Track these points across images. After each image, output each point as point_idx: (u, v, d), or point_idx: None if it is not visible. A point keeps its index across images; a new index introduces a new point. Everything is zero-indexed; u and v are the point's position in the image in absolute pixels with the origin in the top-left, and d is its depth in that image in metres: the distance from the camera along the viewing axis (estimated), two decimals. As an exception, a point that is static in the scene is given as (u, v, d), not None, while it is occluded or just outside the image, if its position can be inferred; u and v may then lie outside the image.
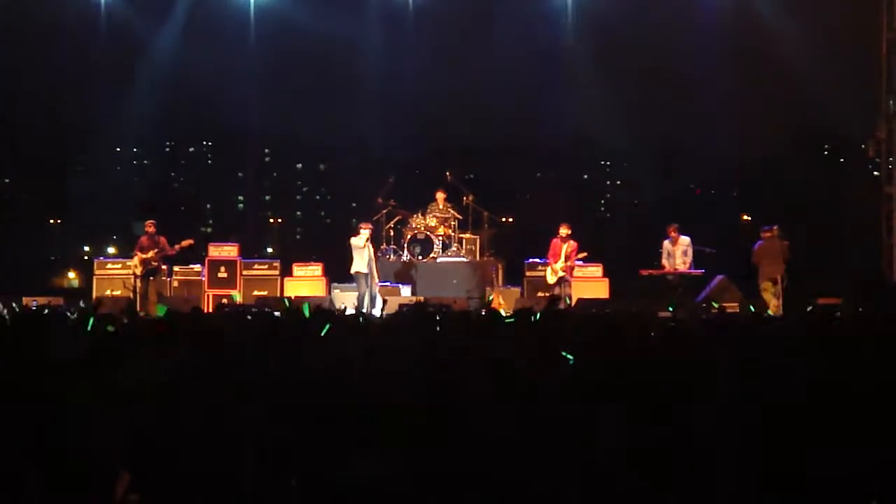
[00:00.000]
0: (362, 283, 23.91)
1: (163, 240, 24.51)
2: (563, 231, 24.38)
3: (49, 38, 30.71)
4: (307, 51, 33.36)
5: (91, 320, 8.66)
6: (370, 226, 24.67)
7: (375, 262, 24.41)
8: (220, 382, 6.79)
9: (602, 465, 6.26)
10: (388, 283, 25.15)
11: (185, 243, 24.78)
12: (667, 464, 6.27)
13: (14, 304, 19.24)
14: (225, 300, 25.00)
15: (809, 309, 16.63)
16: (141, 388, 6.66)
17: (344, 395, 6.60)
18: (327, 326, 8.75)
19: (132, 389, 6.64)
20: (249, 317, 11.77)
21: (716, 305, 22.24)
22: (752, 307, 19.32)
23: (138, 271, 24.32)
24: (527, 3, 30.27)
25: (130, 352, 7.56)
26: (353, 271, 23.98)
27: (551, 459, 6.25)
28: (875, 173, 28.14)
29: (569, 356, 7.25)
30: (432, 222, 26.55)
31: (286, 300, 20.91)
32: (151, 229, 24.57)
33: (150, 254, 24.28)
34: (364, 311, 22.72)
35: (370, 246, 24.02)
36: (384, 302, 20.81)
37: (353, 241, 23.92)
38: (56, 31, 30.51)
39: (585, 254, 24.76)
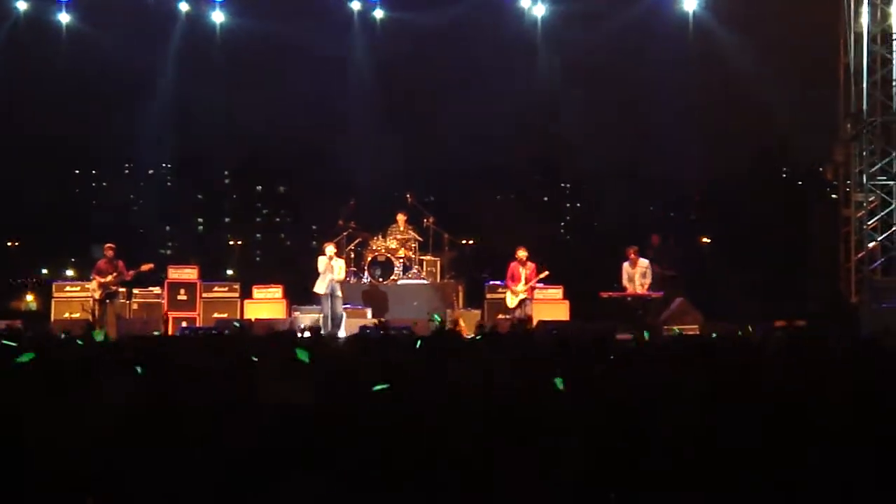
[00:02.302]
0: (324, 304, 23.96)
1: (121, 263, 24.35)
2: (521, 254, 24.37)
3: (4, 55, 30.52)
4: (268, 72, 33.34)
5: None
6: (331, 244, 24.65)
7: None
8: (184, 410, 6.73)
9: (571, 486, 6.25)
10: (349, 306, 25.10)
11: (145, 267, 24.63)
12: (632, 483, 6.26)
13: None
14: (185, 323, 24.92)
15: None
16: (103, 413, 6.60)
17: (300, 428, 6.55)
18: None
19: (95, 414, 6.57)
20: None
21: (676, 329, 22.38)
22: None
23: (97, 295, 24.14)
24: (490, 27, 30.29)
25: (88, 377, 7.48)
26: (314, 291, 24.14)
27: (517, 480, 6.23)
28: (833, 196, 28.33)
29: (558, 382, 7.23)
30: (393, 244, 26.55)
31: (240, 322, 20.89)
32: (110, 252, 24.40)
33: (109, 277, 24.11)
34: (325, 331, 22.72)
35: (336, 265, 24.00)
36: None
37: (319, 261, 24.08)
38: (11, 49, 30.31)
39: (546, 273, 24.76)
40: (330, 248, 24.29)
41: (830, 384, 7.45)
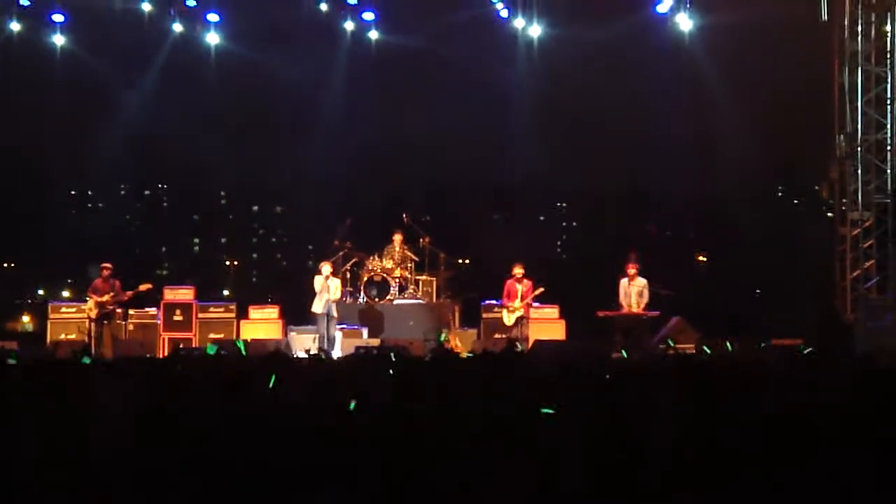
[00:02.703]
0: (320, 324, 23.96)
1: (118, 283, 24.35)
2: (517, 271, 24.43)
3: (2, 80, 30.53)
4: (263, 93, 33.33)
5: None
6: (328, 264, 24.65)
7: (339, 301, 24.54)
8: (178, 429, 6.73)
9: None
10: (345, 326, 25.09)
11: (143, 287, 24.64)
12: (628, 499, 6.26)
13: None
14: (181, 345, 24.89)
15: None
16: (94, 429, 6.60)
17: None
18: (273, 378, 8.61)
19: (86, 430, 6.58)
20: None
21: (672, 344, 22.39)
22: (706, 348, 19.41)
23: (93, 315, 24.13)
24: (483, 47, 30.30)
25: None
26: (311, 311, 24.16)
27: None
28: (828, 214, 28.35)
29: (548, 411, 7.23)
30: (389, 264, 26.55)
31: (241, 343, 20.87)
32: (107, 273, 24.40)
33: (106, 297, 24.10)
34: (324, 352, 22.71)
35: (332, 285, 24.02)
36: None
37: (315, 281, 24.10)
38: (9, 75, 30.33)
39: (542, 289, 24.77)
40: (326, 268, 24.31)
41: (826, 402, 7.47)
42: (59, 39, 29.46)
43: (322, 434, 6.63)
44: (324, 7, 27.95)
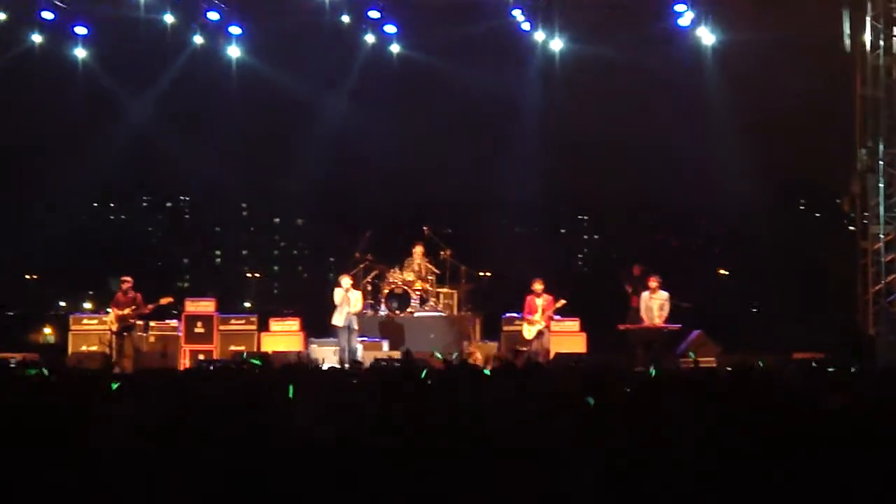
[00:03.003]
0: (341, 337, 24.00)
1: (139, 297, 24.41)
2: (537, 286, 24.42)
3: (24, 93, 30.64)
4: (284, 105, 33.39)
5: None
6: (348, 276, 24.67)
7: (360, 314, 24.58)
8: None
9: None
10: (365, 338, 25.10)
11: (164, 300, 24.71)
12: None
13: None
14: (201, 356, 24.94)
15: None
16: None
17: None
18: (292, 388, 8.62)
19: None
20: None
21: (692, 356, 22.34)
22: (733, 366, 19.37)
23: (114, 327, 24.20)
24: (503, 61, 30.28)
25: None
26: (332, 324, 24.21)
27: None
28: (850, 228, 28.27)
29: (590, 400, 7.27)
30: (410, 277, 26.55)
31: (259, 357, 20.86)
32: (127, 285, 24.48)
33: (127, 310, 24.18)
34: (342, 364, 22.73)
35: (353, 297, 24.06)
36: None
37: (335, 293, 24.14)
38: (30, 88, 30.44)
39: (564, 301, 24.79)
40: (346, 280, 24.34)
41: (847, 416, 7.45)
42: (80, 52, 29.55)
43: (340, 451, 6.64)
44: (346, 19, 27.92)
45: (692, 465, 6.39)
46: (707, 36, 27.72)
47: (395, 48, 29.61)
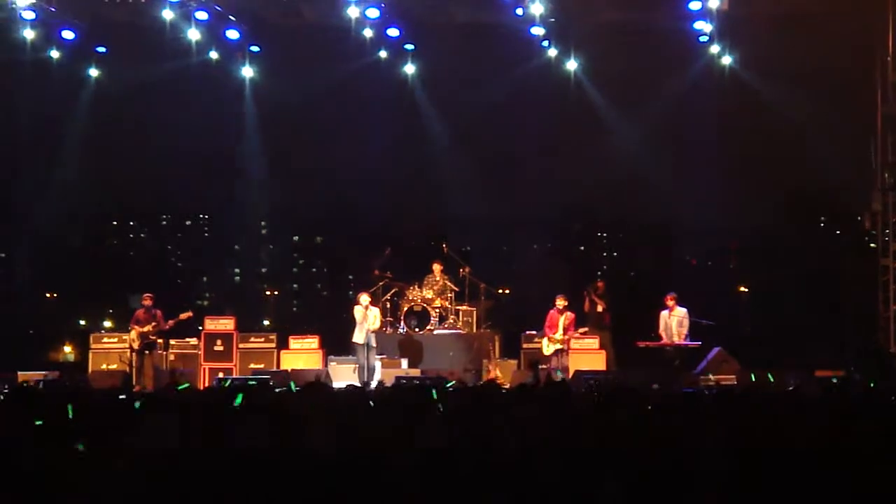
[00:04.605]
0: (360, 355, 23.96)
1: (159, 313, 24.43)
2: (560, 303, 24.37)
3: (38, 112, 30.74)
4: (303, 123, 33.46)
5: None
6: (366, 293, 24.64)
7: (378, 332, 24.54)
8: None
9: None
10: (384, 356, 25.06)
11: (183, 316, 24.71)
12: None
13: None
14: (221, 374, 24.93)
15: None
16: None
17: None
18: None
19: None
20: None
21: (712, 377, 22.30)
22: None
23: (136, 346, 24.22)
24: (524, 70, 30.22)
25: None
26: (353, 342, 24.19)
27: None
28: (871, 245, 28.19)
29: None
30: (429, 294, 26.52)
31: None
32: (148, 302, 24.51)
33: (148, 327, 24.20)
34: (361, 381, 22.74)
35: (371, 315, 24.03)
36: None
37: (355, 311, 24.12)
38: (44, 106, 30.52)
39: (586, 329, 24.91)
40: (365, 298, 24.31)
41: (868, 435, 7.41)
42: (96, 71, 29.70)
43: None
44: (368, 33, 27.92)
45: (715, 483, 6.36)
46: (726, 52, 27.77)
47: (409, 69, 29.73)
